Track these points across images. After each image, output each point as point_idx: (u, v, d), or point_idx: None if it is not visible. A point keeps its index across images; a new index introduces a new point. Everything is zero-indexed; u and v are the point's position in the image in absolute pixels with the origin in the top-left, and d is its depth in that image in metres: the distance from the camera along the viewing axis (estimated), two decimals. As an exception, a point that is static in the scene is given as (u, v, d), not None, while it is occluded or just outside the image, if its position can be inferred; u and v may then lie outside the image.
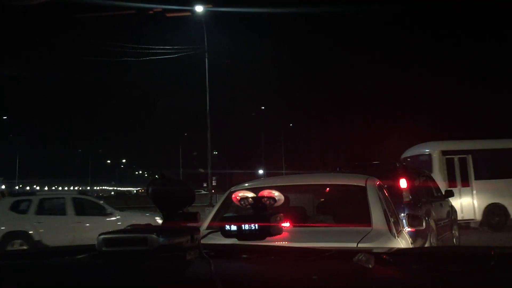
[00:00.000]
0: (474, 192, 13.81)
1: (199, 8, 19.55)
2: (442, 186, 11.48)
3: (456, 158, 14.08)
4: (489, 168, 13.86)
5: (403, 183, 7.74)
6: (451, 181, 13.58)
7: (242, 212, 1.60)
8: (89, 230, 10.49)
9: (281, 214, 1.37)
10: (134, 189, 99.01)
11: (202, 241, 1.23)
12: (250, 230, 1.28)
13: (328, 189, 4.21)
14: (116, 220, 10.98)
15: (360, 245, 2.70)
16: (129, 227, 1.21)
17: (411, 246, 3.77)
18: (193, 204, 1.36)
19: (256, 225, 1.28)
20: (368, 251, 1.23)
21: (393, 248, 2.52)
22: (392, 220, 3.50)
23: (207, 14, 20.78)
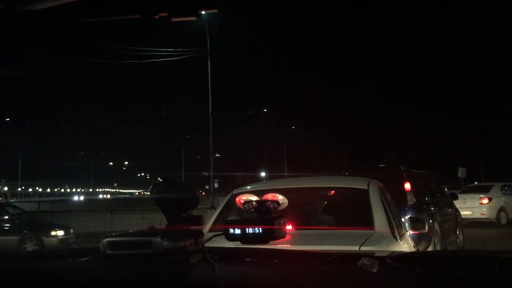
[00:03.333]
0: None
1: (202, 13, 19.56)
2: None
3: None
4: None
5: (407, 186, 7.75)
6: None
7: (245, 215, 1.60)
8: None
9: (285, 218, 1.37)
10: (136, 191, 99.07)
11: (206, 245, 1.23)
12: (254, 233, 1.28)
13: (331, 192, 4.20)
14: None
15: (362, 248, 2.69)
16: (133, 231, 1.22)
17: (414, 249, 3.76)
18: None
19: (260, 228, 1.28)
20: (372, 255, 1.23)
21: (396, 252, 2.51)
22: (394, 223, 3.49)
23: (210, 16, 20.83)
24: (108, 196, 74.25)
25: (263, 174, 48.24)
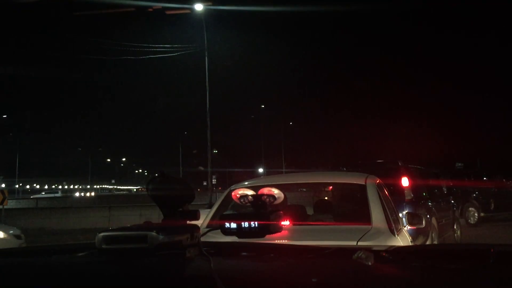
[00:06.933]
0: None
1: (198, 7, 19.53)
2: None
3: None
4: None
5: (405, 181, 7.78)
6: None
7: (242, 210, 1.61)
8: None
9: (281, 212, 1.37)
10: (134, 188, 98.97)
11: (202, 239, 1.23)
12: (250, 228, 1.28)
13: (329, 187, 4.22)
14: None
15: (360, 243, 2.70)
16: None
17: (411, 244, 3.78)
18: (192, 203, 1.37)
19: (256, 223, 1.28)
20: (367, 249, 1.23)
21: (392, 246, 2.52)
22: (392, 218, 3.51)
23: (207, 12, 20.76)
24: (92, 193, 72.55)
25: (261, 170, 48.27)
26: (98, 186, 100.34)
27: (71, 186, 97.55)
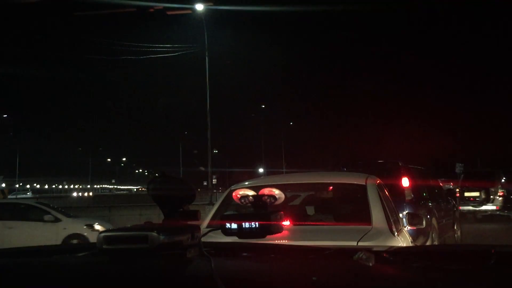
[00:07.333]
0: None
1: (199, 7, 19.54)
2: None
3: None
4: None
5: (405, 181, 7.78)
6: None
7: (243, 210, 1.61)
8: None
9: (282, 213, 1.37)
10: (134, 188, 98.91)
11: (203, 239, 1.23)
12: (250, 228, 1.28)
13: (329, 187, 4.21)
14: None
15: (360, 243, 2.70)
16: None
17: (411, 244, 3.78)
18: (193, 202, 1.37)
19: (257, 223, 1.28)
20: (368, 249, 1.23)
21: (393, 246, 2.52)
22: (392, 218, 3.51)
23: (207, 12, 20.74)
24: (90, 193, 72.49)
25: (261, 170, 48.25)
26: (98, 186, 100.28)
27: (71, 186, 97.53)
